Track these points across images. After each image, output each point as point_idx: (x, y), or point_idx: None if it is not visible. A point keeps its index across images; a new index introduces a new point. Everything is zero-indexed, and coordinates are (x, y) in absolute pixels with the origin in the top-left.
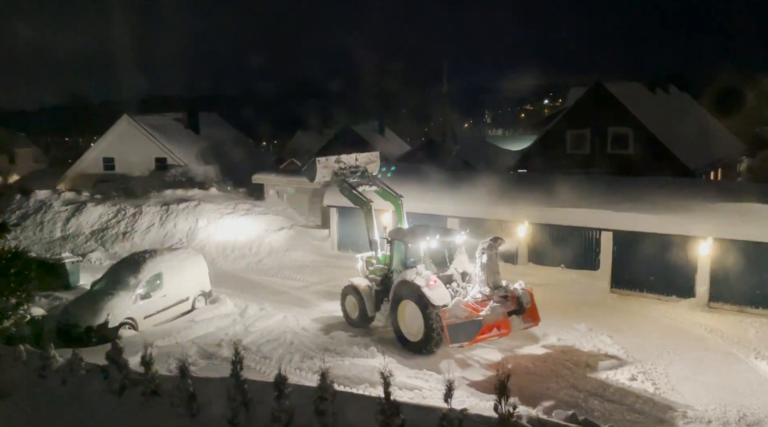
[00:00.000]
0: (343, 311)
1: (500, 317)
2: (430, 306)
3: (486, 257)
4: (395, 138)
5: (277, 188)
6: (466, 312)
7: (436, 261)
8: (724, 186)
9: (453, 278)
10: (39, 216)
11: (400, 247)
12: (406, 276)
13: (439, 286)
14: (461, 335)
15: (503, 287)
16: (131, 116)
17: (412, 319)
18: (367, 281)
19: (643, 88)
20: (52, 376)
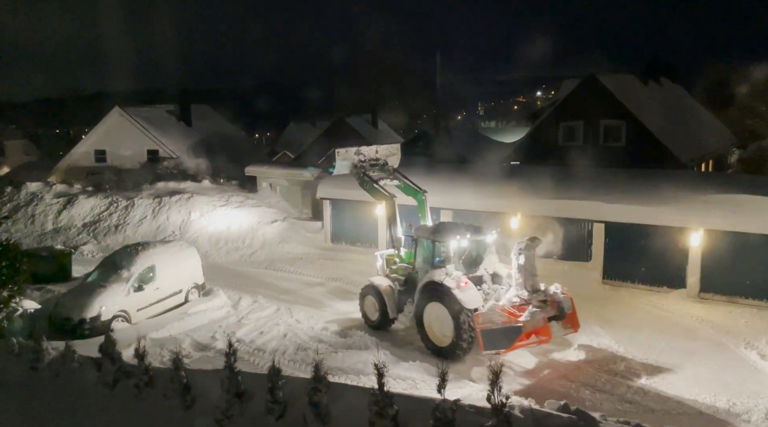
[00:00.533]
0: (362, 312)
1: (540, 323)
2: (462, 309)
3: (523, 258)
4: (388, 130)
5: (270, 180)
6: (503, 317)
7: (464, 261)
8: (715, 178)
9: (483, 280)
10: (30, 208)
11: (427, 245)
12: (435, 277)
13: (471, 288)
14: (497, 342)
15: (542, 290)
16: (123, 108)
17: (440, 322)
18: (389, 280)
19: (636, 81)
20: (44, 369)
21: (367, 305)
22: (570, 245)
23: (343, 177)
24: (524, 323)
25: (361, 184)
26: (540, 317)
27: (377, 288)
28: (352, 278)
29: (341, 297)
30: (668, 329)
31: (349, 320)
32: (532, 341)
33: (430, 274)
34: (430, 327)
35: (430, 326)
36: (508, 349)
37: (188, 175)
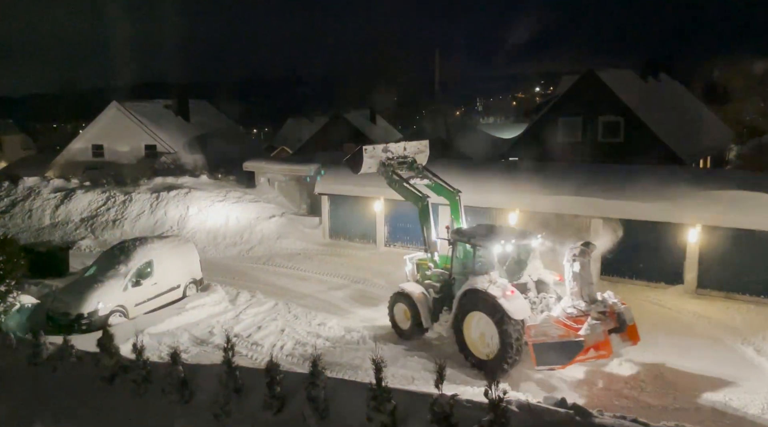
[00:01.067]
0: (392, 320)
1: (601, 337)
2: (508, 320)
3: (578, 265)
4: (387, 126)
5: (268, 176)
6: (559, 330)
7: (507, 267)
8: (713, 174)
9: (527, 288)
10: (28, 203)
11: (467, 250)
12: (477, 284)
13: (518, 297)
14: (553, 357)
15: (601, 300)
16: (120, 103)
17: (482, 334)
18: (422, 287)
19: (635, 76)
20: (43, 363)
21: (398, 313)
22: (568, 240)
23: (344, 174)
24: (585, 337)
25: (390, 183)
26: (600, 330)
27: (409, 295)
28: (351, 273)
29: (338, 289)
30: (665, 325)
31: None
32: (590, 356)
33: (471, 281)
34: (471, 339)
35: (471, 338)
36: (565, 365)
37: (186, 171)
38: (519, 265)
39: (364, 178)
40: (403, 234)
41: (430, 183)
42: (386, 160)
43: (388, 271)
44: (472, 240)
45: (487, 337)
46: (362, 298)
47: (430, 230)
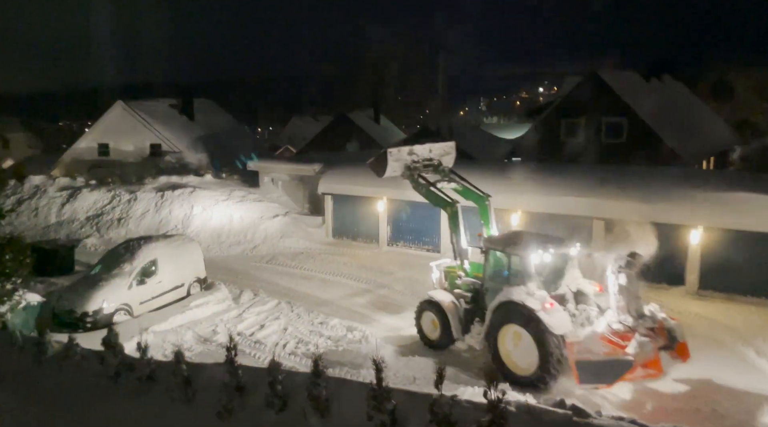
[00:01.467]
0: (419, 330)
1: (651, 356)
2: (548, 335)
3: (624, 277)
4: (390, 126)
5: (272, 175)
6: (605, 348)
7: (545, 277)
8: (716, 175)
9: (565, 299)
10: (34, 202)
11: (501, 258)
12: (513, 296)
13: (558, 310)
14: (598, 376)
15: (649, 315)
16: (126, 102)
17: (519, 348)
18: (451, 296)
19: (638, 78)
20: (48, 361)
21: (425, 322)
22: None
23: (347, 173)
24: (634, 355)
25: (416, 187)
26: (650, 347)
27: (439, 304)
28: (355, 272)
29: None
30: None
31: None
32: (638, 375)
33: (506, 292)
34: (507, 353)
35: (506, 352)
36: (611, 384)
37: (191, 170)
38: (556, 275)
39: (367, 178)
40: (405, 234)
41: (458, 187)
42: (411, 163)
43: (392, 270)
44: (507, 248)
45: (524, 352)
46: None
47: (460, 237)
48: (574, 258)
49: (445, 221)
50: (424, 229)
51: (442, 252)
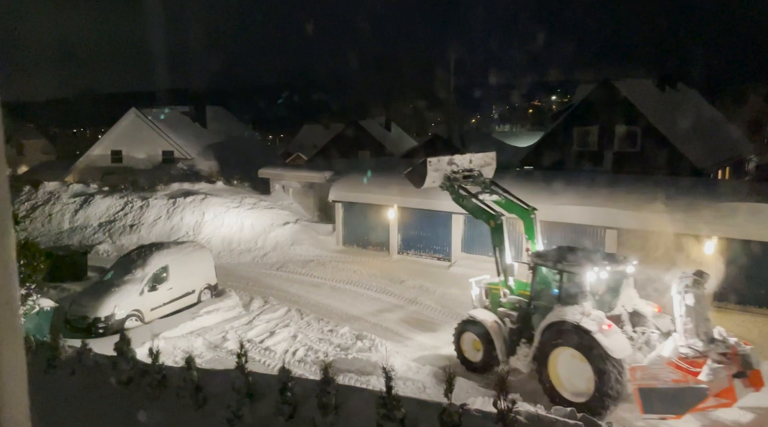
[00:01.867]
0: (458, 351)
1: (724, 384)
2: (607, 359)
3: (692, 297)
4: (401, 133)
5: (283, 183)
6: (674, 374)
7: (600, 297)
8: (732, 185)
9: (621, 320)
10: (48, 208)
11: (552, 276)
12: (566, 316)
13: (616, 332)
14: (665, 405)
15: (721, 340)
16: (139, 109)
17: (573, 373)
18: (494, 315)
19: (652, 86)
20: (61, 366)
21: (466, 343)
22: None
23: (358, 181)
24: (708, 383)
25: (456, 199)
26: (724, 375)
27: (481, 324)
28: (365, 281)
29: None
30: None
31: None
32: (710, 404)
33: (558, 312)
34: (558, 377)
35: (558, 376)
36: (680, 414)
37: (202, 177)
38: (611, 294)
39: (378, 186)
40: (416, 242)
41: (500, 199)
42: (451, 173)
43: (403, 278)
44: (560, 265)
45: (578, 377)
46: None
47: (505, 252)
48: (630, 276)
49: (456, 229)
50: (434, 237)
51: (453, 260)
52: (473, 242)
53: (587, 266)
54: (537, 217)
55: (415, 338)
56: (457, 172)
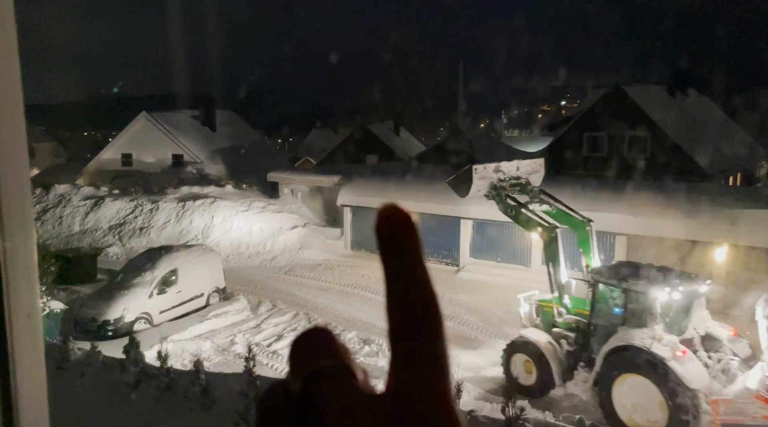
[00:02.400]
0: (508, 374)
1: None
2: (684, 390)
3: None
4: (410, 138)
5: (291, 186)
6: (763, 409)
7: (670, 319)
8: (743, 191)
9: (693, 345)
10: (58, 210)
11: (614, 294)
12: (634, 340)
13: (691, 359)
14: None
15: None
16: (149, 113)
17: (642, 403)
18: (548, 335)
19: (662, 91)
20: (70, 368)
21: (517, 365)
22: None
23: (366, 185)
24: None
25: (504, 210)
26: None
27: (535, 345)
28: (373, 285)
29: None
30: None
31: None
32: None
33: (625, 335)
34: (624, 406)
35: (624, 405)
36: None
37: (211, 180)
38: (683, 315)
39: (387, 190)
40: (424, 247)
41: (550, 209)
42: (498, 182)
43: None
44: (626, 283)
45: (648, 406)
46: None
47: (560, 267)
48: (703, 296)
49: (465, 233)
50: (443, 242)
51: (461, 265)
52: (482, 246)
53: (657, 285)
54: (593, 229)
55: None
56: (503, 181)
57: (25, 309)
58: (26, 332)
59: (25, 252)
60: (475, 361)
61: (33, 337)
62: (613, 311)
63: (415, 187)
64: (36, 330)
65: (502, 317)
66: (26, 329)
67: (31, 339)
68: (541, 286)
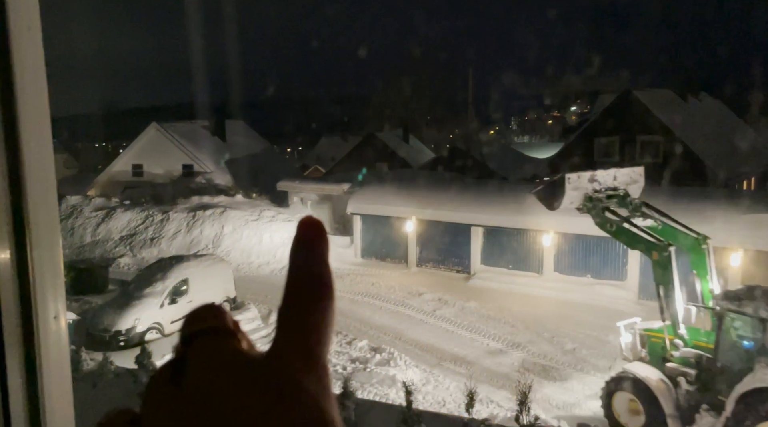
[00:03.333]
0: (609, 413)
1: None
2: None
3: None
4: (419, 145)
5: (301, 195)
6: None
7: None
8: (756, 196)
9: None
10: (70, 221)
11: (748, 324)
12: None
13: None
14: None
15: None
16: (159, 124)
17: None
18: (658, 371)
19: (674, 96)
20: (82, 379)
21: (620, 405)
22: (604, 263)
23: (376, 193)
24: None
25: (602, 224)
26: None
27: (643, 382)
28: (383, 293)
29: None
30: None
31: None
32: None
33: (764, 374)
34: None
35: None
36: None
37: (221, 190)
38: None
39: (396, 198)
40: (435, 254)
41: (655, 224)
42: (593, 192)
43: (422, 291)
44: (764, 312)
45: None
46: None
47: (674, 291)
48: None
49: (475, 241)
50: (453, 249)
51: (472, 273)
52: (493, 254)
53: None
54: (710, 247)
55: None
56: (599, 192)
57: (52, 312)
58: (53, 333)
59: (52, 258)
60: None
61: (59, 337)
62: (746, 345)
63: (426, 195)
64: (62, 331)
65: (515, 326)
66: (53, 330)
67: (57, 339)
68: (553, 293)
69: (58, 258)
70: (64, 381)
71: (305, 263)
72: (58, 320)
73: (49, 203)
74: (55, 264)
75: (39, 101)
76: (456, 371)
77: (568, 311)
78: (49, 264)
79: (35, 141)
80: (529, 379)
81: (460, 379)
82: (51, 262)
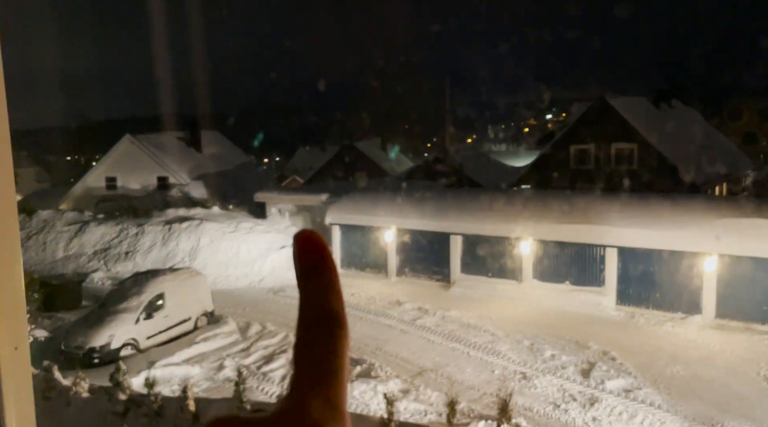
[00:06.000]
0: None
1: None
2: None
3: None
4: (398, 154)
5: (279, 206)
6: None
7: None
8: (729, 201)
9: None
10: (42, 236)
11: None
12: None
13: None
14: None
15: None
16: (133, 135)
17: None
18: None
19: (648, 103)
20: (55, 398)
21: None
22: (582, 270)
23: (355, 203)
24: None
25: None
26: None
27: None
28: (363, 304)
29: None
30: (683, 356)
31: None
32: None
33: None
34: None
35: None
36: None
37: (198, 202)
38: None
39: (374, 207)
40: (414, 264)
41: None
42: None
43: (402, 301)
44: None
45: None
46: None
47: None
48: None
49: (455, 249)
50: (433, 258)
51: (452, 281)
52: (472, 262)
53: None
54: None
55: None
56: None
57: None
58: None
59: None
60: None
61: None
62: None
63: (404, 204)
64: (24, 363)
65: (495, 334)
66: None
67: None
68: (533, 300)
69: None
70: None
71: (319, 296)
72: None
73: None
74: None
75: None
76: (437, 381)
77: (548, 318)
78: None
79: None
80: (510, 387)
81: (442, 389)
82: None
